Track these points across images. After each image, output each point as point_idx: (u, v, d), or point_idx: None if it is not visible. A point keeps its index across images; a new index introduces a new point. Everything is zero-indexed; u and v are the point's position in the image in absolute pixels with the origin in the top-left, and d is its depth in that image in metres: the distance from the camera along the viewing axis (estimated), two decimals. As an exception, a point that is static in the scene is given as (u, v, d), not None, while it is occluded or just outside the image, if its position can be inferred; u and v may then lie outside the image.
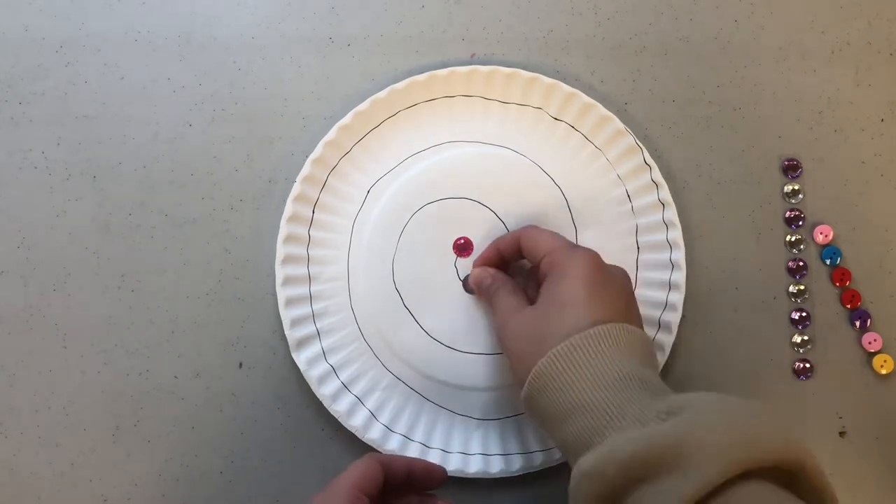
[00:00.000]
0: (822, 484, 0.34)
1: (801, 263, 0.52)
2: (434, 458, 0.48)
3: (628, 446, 0.34)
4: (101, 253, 0.51)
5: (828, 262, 0.52)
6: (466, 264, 0.50)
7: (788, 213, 0.52)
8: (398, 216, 0.50)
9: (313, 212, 0.50)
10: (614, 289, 0.42)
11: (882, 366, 0.51)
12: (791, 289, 0.52)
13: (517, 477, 0.48)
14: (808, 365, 0.51)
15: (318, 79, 0.52)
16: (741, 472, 0.33)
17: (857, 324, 0.51)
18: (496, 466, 0.48)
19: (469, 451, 0.48)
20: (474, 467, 0.48)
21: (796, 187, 0.52)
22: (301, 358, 0.48)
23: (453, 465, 0.48)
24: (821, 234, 0.52)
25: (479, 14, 0.53)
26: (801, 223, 0.52)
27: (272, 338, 0.50)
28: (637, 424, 0.35)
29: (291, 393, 0.50)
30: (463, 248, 0.50)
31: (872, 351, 0.51)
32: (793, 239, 0.52)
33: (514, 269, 0.49)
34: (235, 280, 0.51)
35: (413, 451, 0.48)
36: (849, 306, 0.51)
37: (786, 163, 0.52)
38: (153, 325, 0.50)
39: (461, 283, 0.50)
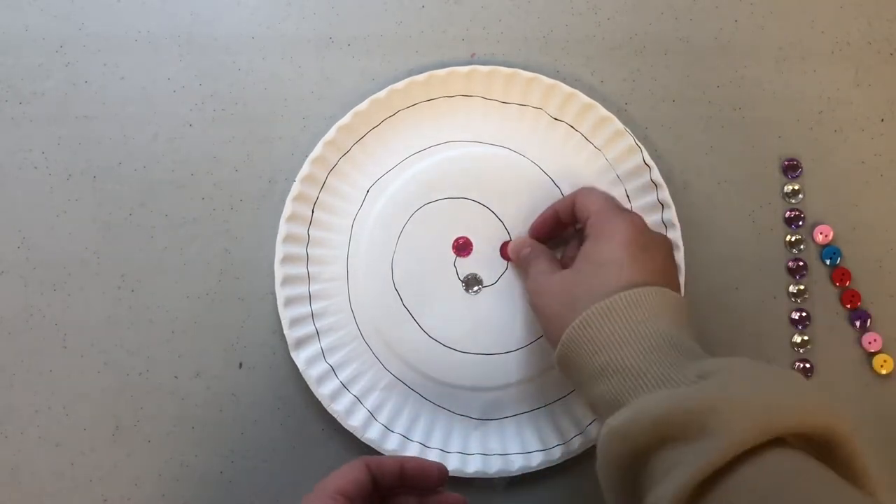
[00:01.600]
0: (851, 452, 0.33)
1: (801, 263, 0.51)
2: (433, 457, 0.48)
3: (657, 407, 0.34)
4: (101, 253, 0.51)
5: (828, 262, 0.52)
6: (466, 264, 0.50)
7: (788, 213, 0.52)
8: (398, 216, 0.50)
9: (313, 211, 0.50)
10: (655, 253, 0.42)
11: (882, 366, 0.51)
12: (791, 289, 0.52)
13: (516, 476, 0.48)
14: (808, 365, 0.51)
15: (318, 79, 0.52)
16: (771, 439, 0.32)
17: (857, 324, 0.51)
18: (495, 466, 0.48)
19: (468, 451, 0.48)
20: (473, 467, 0.48)
21: (796, 187, 0.52)
22: (300, 357, 0.48)
23: (452, 464, 0.48)
24: (821, 234, 0.52)
25: (479, 14, 0.53)
26: (801, 223, 0.52)
27: (272, 338, 0.50)
28: (668, 386, 0.35)
29: (291, 393, 0.50)
30: (462, 247, 0.50)
31: (872, 351, 0.51)
32: (793, 239, 0.52)
33: (552, 245, 0.49)
34: (235, 280, 0.51)
35: (412, 451, 0.48)
36: (849, 306, 0.51)
37: (786, 163, 0.52)
38: (153, 325, 0.50)
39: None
